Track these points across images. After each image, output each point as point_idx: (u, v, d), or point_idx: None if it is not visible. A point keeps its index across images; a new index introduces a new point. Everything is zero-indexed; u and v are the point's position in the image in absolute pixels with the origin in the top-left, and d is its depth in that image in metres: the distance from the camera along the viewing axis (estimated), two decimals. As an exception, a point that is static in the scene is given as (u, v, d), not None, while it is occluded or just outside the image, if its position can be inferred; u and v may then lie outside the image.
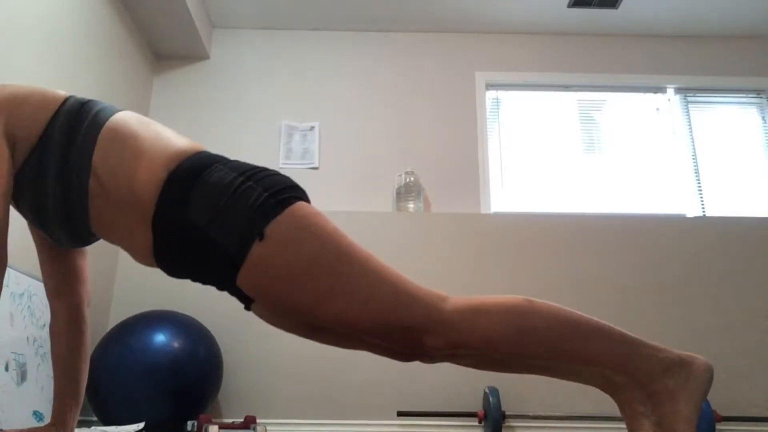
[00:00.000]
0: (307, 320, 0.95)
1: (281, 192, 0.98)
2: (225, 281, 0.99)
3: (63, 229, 1.08)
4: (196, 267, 1.01)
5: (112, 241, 1.10)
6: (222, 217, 0.95)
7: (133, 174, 1.00)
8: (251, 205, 0.95)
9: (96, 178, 1.01)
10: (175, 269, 1.05)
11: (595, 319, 0.94)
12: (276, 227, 0.94)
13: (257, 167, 1.03)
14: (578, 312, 0.94)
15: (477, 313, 0.92)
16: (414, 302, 0.93)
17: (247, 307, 1.07)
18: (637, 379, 0.92)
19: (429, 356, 0.96)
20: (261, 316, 1.06)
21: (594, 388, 2.82)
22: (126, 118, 1.07)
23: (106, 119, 1.04)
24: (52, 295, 1.26)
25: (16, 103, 1.04)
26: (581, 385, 2.83)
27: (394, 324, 0.92)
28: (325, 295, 0.92)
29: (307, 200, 1.04)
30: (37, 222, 1.09)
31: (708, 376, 0.93)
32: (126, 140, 1.02)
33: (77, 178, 1.01)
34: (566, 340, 0.91)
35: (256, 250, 0.93)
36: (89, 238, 1.14)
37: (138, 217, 1.00)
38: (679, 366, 0.92)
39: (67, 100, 1.07)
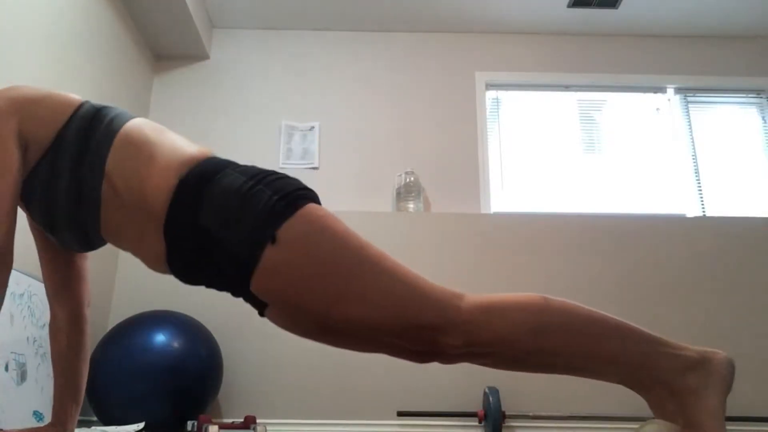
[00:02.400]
0: (321, 323, 0.94)
1: (291, 194, 0.97)
2: (239, 287, 0.99)
3: (72, 233, 1.08)
4: (210, 273, 1.01)
5: (122, 247, 1.10)
6: (233, 221, 0.94)
7: (146, 180, 1.00)
8: (262, 208, 0.94)
9: (109, 183, 1.01)
10: (188, 276, 1.05)
11: (613, 317, 0.93)
12: (288, 230, 0.93)
13: (267, 171, 1.02)
14: (595, 310, 0.94)
15: (492, 311, 0.92)
16: (429, 301, 0.92)
17: (261, 314, 1.06)
18: (659, 378, 0.92)
19: (445, 355, 0.95)
20: (275, 322, 1.05)
21: (588, 388, 2.82)
22: (140, 124, 1.07)
23: (121, 125, 1.05)
24: (52, 295, 1.26)
25: (30, 105, 1.04)
26: (581, 385, 2.83)
27: (409, 324, 0.91)
28: (338, 297, 0.91)
29: (317, 201, 1.03)
30: (47, 224, 1.09)
31: (730, 369, 0.93)
32: (140, 146, 1.03)
33: (90, 182, 1.02)
34: (582, 339, 0.91)
35: (269, 253, 0.92)
36: (97, 243, 1.14)
37: (150, 224, 1.00)
38: (700, 363, 0.93)
39: (82, 105, 1.07)
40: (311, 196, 1.01)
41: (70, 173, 1.02)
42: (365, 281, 0.92)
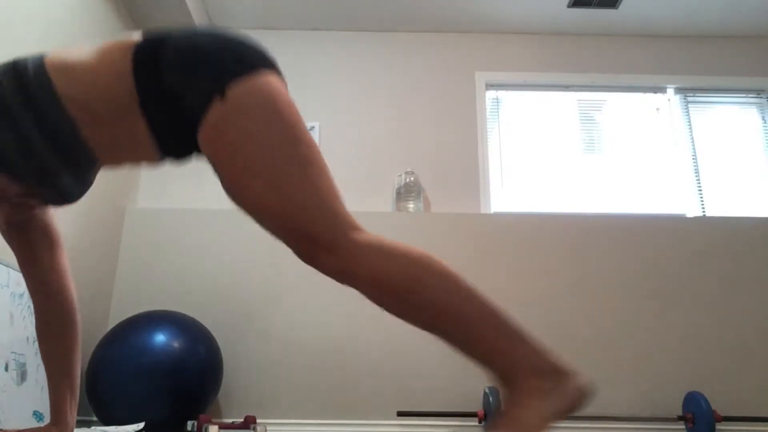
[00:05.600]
0: (234, 188, 0.96)
1: (253, 59, 0.98)
2: (197, 145, 1.01)
3: (70, 173, 1.06)
4: (183, 137, 1.02)
5: (116, 160, 1.09)
6: (191, 75, 0.96)
7: (102, 78, 0.99)
8: (221, 64, 0.96)
9: (74, 105, 0.99)
10: (175, 148, 1.06)
11: (490, 299, 0.91)
12: (237, 89, 0.94)
13: (231, 34, 1.02)
14: (476, 288, 0.91)
15: (378, 251, 0.91)
16: (328, 216, 0.92)
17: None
18: (509, 372, 0.88)
19: (321, 270, 0.95)
20: (226, 192, 1.07)
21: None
22: (58, 49, 1.06)
23: (41, 60, 1.02)
24: (39, 295, 1.25)
25: None
26: (581, 385, 2.82)
27: (300, 227, 0.91)
28: (251, 169, 0.92)
29: (279, 74, 1.04)
30: (43, 181, 1.06)
31: (580, 396, 0.88)
32: (76, 60, 1.01)
33: (56, 117, 0.99)
34: (452, 305, 0.89)
35: (216, 107, 0.94)
36: (91, 176, 1.13)
37: (128, 112, 1.00)
38: (554, 373, 0.88)
39: None
40: (270, 65, 1.01)
41: (33, 123, 0.99)
42: (282, 168, 0.92)
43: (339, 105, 3.49)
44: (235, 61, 0.97)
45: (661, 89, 3.62)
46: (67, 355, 1.27)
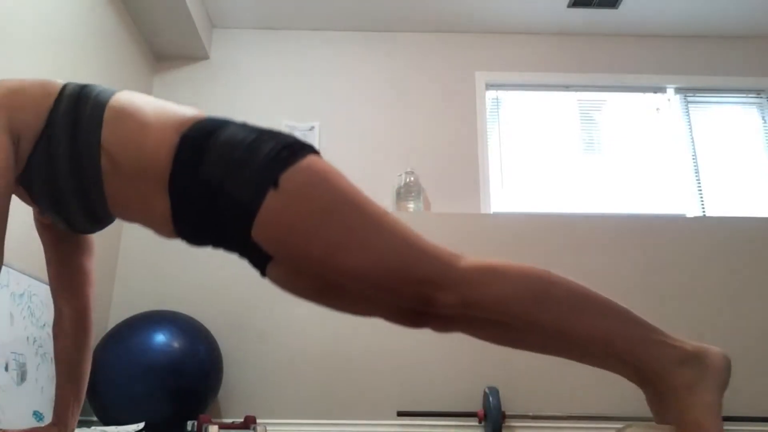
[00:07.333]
0: (320, 275, 0.94)
1: (295, 146, 0.98)
2: (242, 238, 0.99)
3: (80, 212, 1.07)
4: (215, 230, 1.01)
5: (130, 219, 1.09)
6: (236, 170, 0.95)
7: (144, 143, 0.99)
8: (265, 156, 0.95)
9: (107, 156, 1.00)
10: (195, 235, 1.05)
11: (610, 299, 0.91)
12: (290, 177, 0.93)
13: (269, 128, 1.04)
14: (594, 290, 0.92)
15: (493, 272, 0.91)
16: (429, 257, 0.92)
17: (263, 273, 1.07)
18: (655, 369, 0.89)
19: (440, 317, 0.94)
20: (277, 280, 1.04)
21: (588, 388, 2.82)
22: (129, 95, 1.07)
23: (108, 98, 1.04)
24: (59, 295, 1.26)
25: (16, 97, 1.02)
26: (581, 384, 2.82)
27: (406, 276, 0.90)
28: (339, 246, 0.91)
29: (318, 154, 1.05)
30: (53, 208, 1.07)
31: (725, 365, 0.90)
32: (132, 114, 1.02)
33: (88, 159, 1.00)
34: (580, 313, 0.88)
35: (271, 199, 0.92)
36: (106, 219, 1.13)
37: (154, 185, 1.00)
38: (695, 357, 0.90)
39: (65, 86, 1.06)
40: (314, 151, 1.02)
41: (67, 154, 1.01)
42: (366, 232, 0.91)
43: (339, 105, 3.49)
44: (278, 150, 0.96)
45: (661, 89, 3.61)
46: (79, 358, 1.27)
